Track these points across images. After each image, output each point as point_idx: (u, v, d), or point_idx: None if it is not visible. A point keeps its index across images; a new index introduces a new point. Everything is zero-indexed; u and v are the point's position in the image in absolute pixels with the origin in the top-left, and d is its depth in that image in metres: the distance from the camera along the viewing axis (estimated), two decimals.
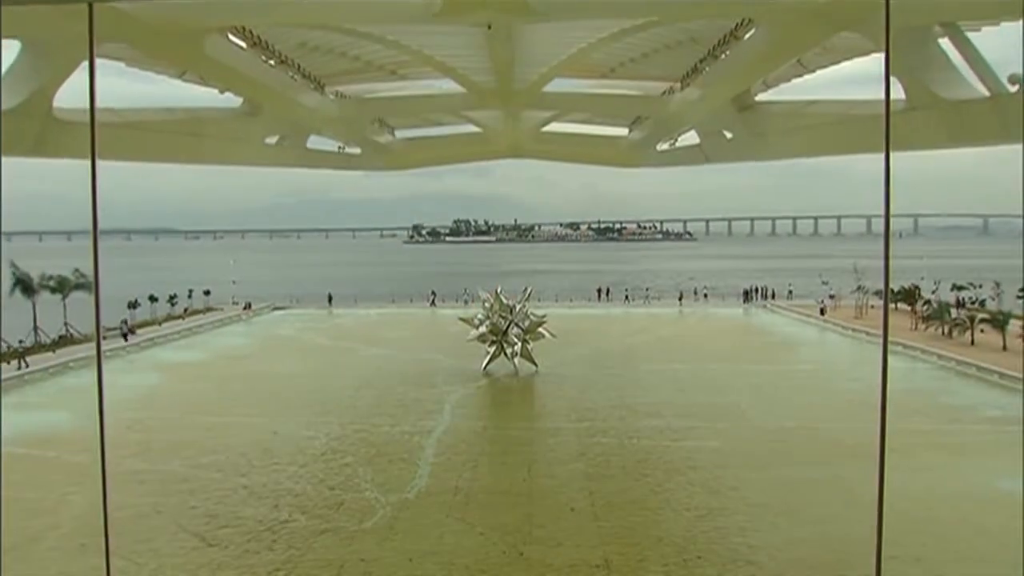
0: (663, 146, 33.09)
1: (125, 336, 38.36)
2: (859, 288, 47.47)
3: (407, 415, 23.90)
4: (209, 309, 53.23)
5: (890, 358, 5.91)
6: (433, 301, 55.76)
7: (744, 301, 55.30)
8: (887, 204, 4.16)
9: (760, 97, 25.37)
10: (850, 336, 39.99)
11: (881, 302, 41.48)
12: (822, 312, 47.31)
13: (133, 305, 47.00)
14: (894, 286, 43.43)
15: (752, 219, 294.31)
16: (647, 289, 66.85)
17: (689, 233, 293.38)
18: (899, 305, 43.35)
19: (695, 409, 24.29)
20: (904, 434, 20.12)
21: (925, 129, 15.85)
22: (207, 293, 56.44)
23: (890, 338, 29.74)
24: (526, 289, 32.86)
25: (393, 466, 18.83)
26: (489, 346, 30.79)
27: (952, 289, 45.11)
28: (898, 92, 16.15)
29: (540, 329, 31.01)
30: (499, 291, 31.06)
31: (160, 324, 44.70)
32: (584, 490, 17.09)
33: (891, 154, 4.20)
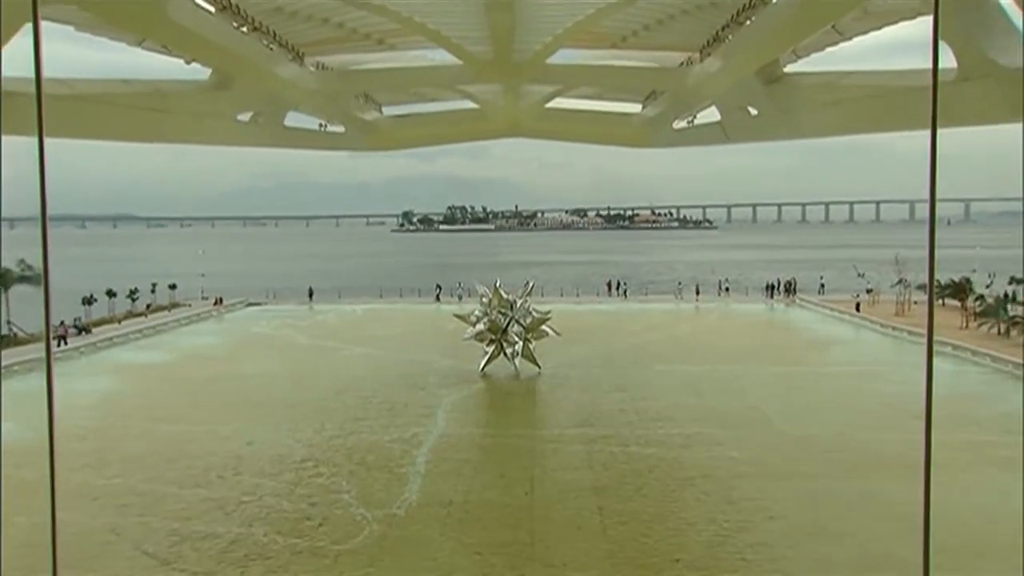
0: (680, 124, 32.98)
1: (63, 340, 36.88)
2: (900, 282, 47.24)
3: (396, 422, 23.87)
4: (175, 305, 53.13)
5: (937, 360, 5.74)
6: (438, 296, 55.92)
7: (768, 296, 55.34)
8: (933, 187, 4.09)
9: (789, 68, 25.16)
10: (890, 335, 39.94)
11: (926, 297, 42.42)
12: (857, 308, 47.13)
13: (88, 301, 46.73)
14: (941, 279, 43.11)
15: (779, 205, 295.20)
16: (649, 284, 67.66)
17: (708, 221, 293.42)
18: (947, 301, 42.83)
19: (712, 414, 24.20)
20: (952, 447, 19.87)
21: (980, 102, 15.48)
22: (173, 287, 56.37)
23: (937, 337, 30.62)
24: (528, 283, 32.84)
25: (380, 479, 18.76)
26: (487, 345, 30.88)
27: (1010, 283, 44.26)
28: (948, 60, 15.84)
29: (543, 327, 31.01)
30: (498, 285, 31.07)
31: (119, 322, 44.56)
32: (592, 505, 17.03)
33: (939, 131, 4.11)
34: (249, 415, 24.98)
